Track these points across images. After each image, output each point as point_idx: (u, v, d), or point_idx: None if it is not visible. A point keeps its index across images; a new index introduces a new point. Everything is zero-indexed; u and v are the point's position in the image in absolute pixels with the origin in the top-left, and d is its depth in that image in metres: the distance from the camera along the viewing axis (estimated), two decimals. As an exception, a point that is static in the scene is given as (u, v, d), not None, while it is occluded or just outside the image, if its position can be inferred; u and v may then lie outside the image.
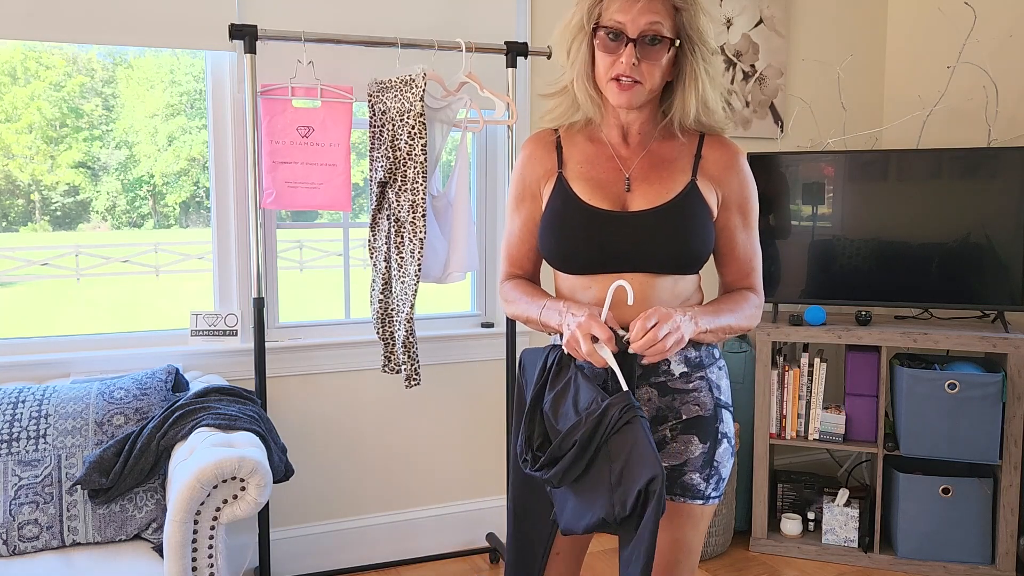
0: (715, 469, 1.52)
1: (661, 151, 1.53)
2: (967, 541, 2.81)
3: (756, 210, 1.57)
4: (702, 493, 1.52)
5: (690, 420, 1.51)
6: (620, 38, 1.42)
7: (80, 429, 2.10)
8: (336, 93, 2.50)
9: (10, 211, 12.85)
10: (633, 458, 1.31)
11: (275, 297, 2.74)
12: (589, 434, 1.35)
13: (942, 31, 3.32)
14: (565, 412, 1.41)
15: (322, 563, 2.79)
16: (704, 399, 1.51)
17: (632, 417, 1.34)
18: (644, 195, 1.50)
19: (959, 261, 2.85)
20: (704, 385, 1.52)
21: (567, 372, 1.45)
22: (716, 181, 1.52)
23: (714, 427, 1.52)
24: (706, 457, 1.51)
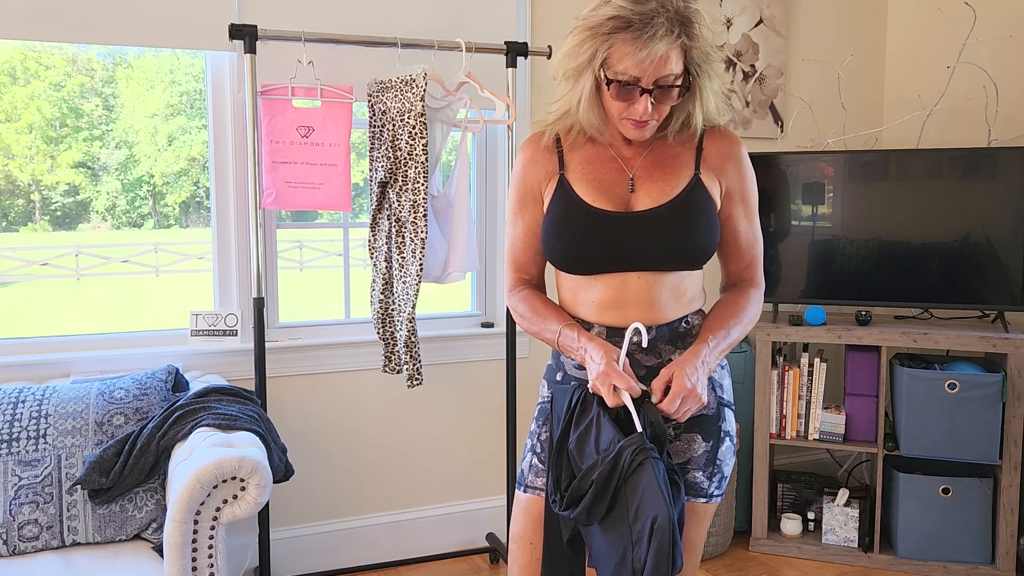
0: (717, 467, 1.53)
1: (663, 148, 1.53)
2: (967, 541, 2.81)
3: (756, 198, 1.59)
4: (705, 491, 1.53)
5: (693, 418, 1.52)
6: (634, 87, 1.40)
7: (80, 429, 2.10)
8: (336, 93, 2.50)
9: (10, 211, 12.84)
10: (645, 499, 1.33)
11: (275, 297, 2.74)
12: (606, 475, 1.36)
13: (942, 31, 3.32)
14: (588, 452, 1.42)
15: (322, 563, 2.79)
16: (707, 398, 1.50)
17: (644, 459, 1.34)
18: (649, 194, 1.50)
19: (959, 261, 2.85)
20: (708, 384, 1.52)
21: (591, 411, 1.45)
22: (718, 172, 1.53)
23: (716, 425, 1.53)
24: (709, 455, 1.52)
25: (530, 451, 1.61)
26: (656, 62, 1.36)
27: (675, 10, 1.36)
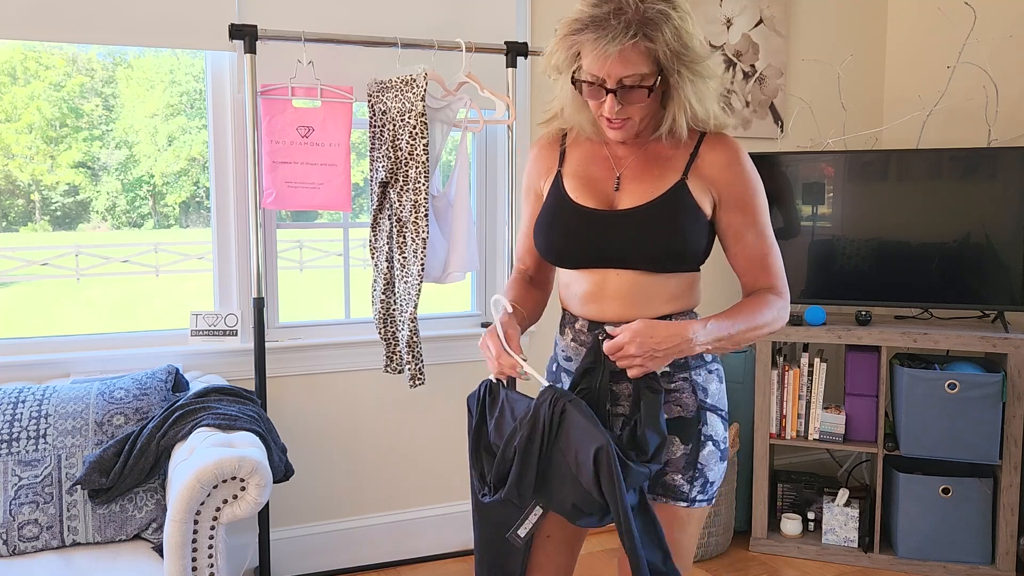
0: (699, 472, 1.51)
1: (658, 149, 1.53)
2: (967, 541, 2.81)
3: (762, 207, 1.53)
4: (685, 495, 1.51)
5: (672, 420, 1.51)
6: (599, 87, 1.42)
7: (80, 429, 2.10)
8: (336, 93, 2.50)
9: (10, 211, 12.84)
10: (581, 440, 1.31)
11: (275, 297, 2.74)
12: (527, 438, 1.36)
13: (942, 31, 3.32)
14: (507, 427, 1.43)
15: (322, 563, 2.79)
16: (686, 400, 1.51)
17: (564, 405, 1.35)
18: (632, 193, 1.51)
19: (959, 261, 2.85)
20: (687, 387, 1.51)
21: (499, 396, 1.48)
22: (711, 181, 1.50)
23: (696, 429, 1.51)
24: (688, 459, 1.50)
25: None
26: (613, 62, 1.37)
27: (634, 11, 1.35)
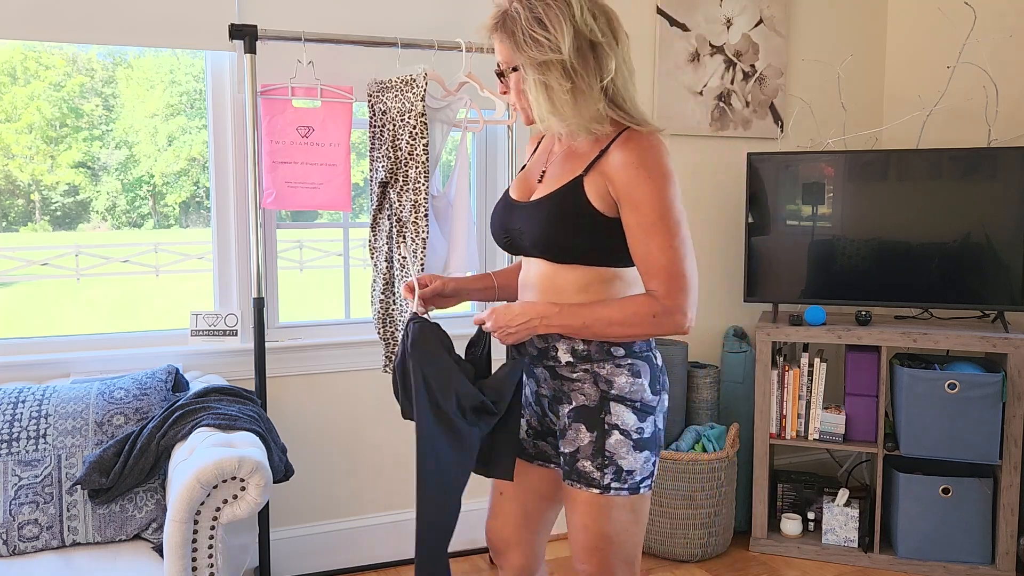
0: (609, 459, 1.56)
1: (579, 146, 1.58)
2: (967, 541, 2.81)
3: (659, 209, 1.47)
4: (597, 482, 1.56)
5: (578, 408, 1.59)
6: (497, 73, 1.60)
7: (80, 429, 2.10)
8: (336, 93, 2.50)
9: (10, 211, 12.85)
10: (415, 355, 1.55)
11: (275, 297, 2.74)
12: (401, 358, 1.59)
13: (942, 31, 3.32)
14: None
15: (322, 563, 2.79)
16: (588, 390, 1.58)
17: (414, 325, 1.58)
18: (544, 187, 1.60)
19: (959, 261, 2.85)
20: (588, 378, 1.58)
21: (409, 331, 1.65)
22: (609, 179, 1.50)
23: (599, 418, 1.57)
24: (595, 446, 1.57)
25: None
26: (497, 50, 1.56)
27: (502, 7, 1.51)
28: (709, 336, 3.36)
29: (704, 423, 3.06)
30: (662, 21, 3.11)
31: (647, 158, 1.48)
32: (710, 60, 3.20)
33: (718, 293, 3.36)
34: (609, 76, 1.49)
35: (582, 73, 1.47)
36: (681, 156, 3.22)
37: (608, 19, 1.51)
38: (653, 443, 1.59)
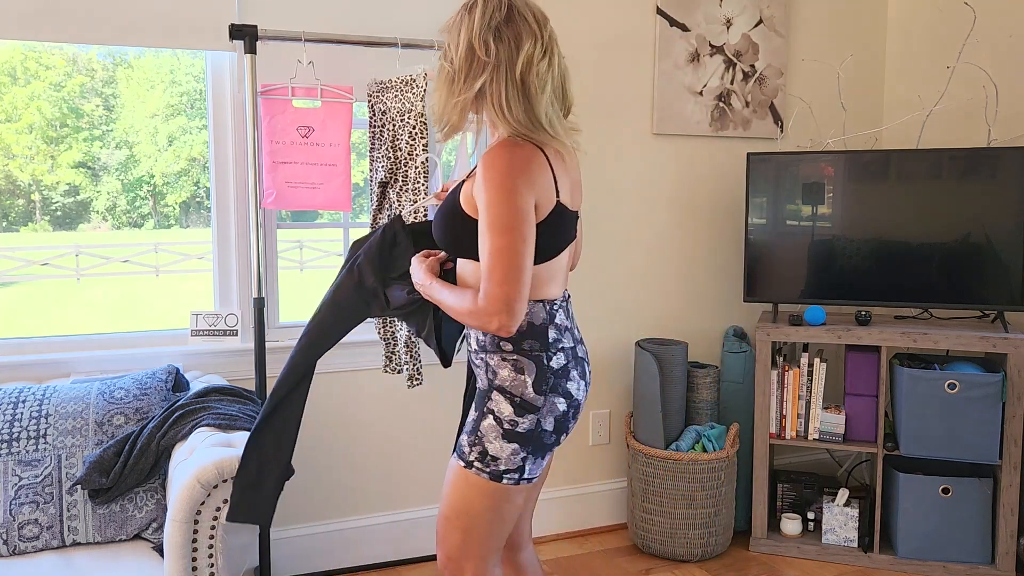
0: (479, 440, 1.65)
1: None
2: (967, 541, 2.81)
3: (490, 215, 1.55)
4: (465, 455, 1.67)
5: (478, 390, 1.73)
6: None
7: (80, 429, 2.11)
8: (336, 93, 2.50)
9: (10, 211, 12.86)
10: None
11: (275, 297, 2.74)
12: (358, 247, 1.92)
13: (942, 31, 3.32)
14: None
15: (322, 563, 2.79)
16: (483, 376, 1.70)
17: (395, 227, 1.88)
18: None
19: (959, 261, 2.85)
20: (483, 365, 1.70)
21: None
22: (473, 181, 1.63)
23: (483, 401, 1.68)
24: (473, 424, 1.68)
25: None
26: None
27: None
28: (709, 336, 3.36)
29: (704, 423, 3.06)
30: (662, 21, 3.11)
31: (491, 165, 1.56)
32: (710, 60, 3.20)
33: (718, 293, 3.36)
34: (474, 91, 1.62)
35: (459, 82, 1.64)
36: (681, 156, 3.22)
37: (517, 42, 1.59)
38: (528, 440, 1.63)
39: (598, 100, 3.07)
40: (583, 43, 3.01)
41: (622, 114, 3.11)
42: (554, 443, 1.68)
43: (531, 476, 1.66)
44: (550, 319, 1.67)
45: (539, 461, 1.66)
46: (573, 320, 1.75)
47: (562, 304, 1.71)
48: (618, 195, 3.13)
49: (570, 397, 1.67)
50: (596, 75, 3.05)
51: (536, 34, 1.61)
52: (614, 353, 3.18)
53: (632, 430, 3.10)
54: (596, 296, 3.13)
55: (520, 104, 1.59)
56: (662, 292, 3.25)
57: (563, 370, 1.67)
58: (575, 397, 1.68)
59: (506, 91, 1.59)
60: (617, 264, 3.15)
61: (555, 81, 1.64)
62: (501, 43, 1.59)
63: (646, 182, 3.18)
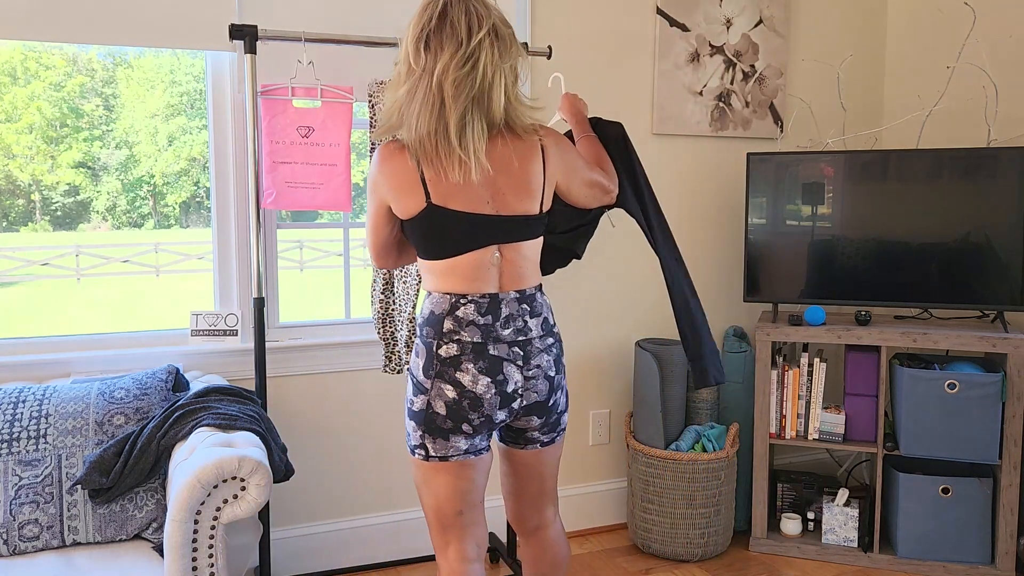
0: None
1: None
2: (967, 541, 2.81)
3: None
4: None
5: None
6: None
7: (80, 429, 2.11)
8: (336, 93, 2.50)
9: (10, 211, 12.86)
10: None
11: (275, 297, 2.74)
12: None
13: (942, 31, 3.32)
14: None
15: (322, 563, 2.79)
16: None
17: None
18: None
19: (959, 261, 2.85)
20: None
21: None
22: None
23: None
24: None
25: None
26: None
27: None
28: (709, 336, 3.36)
29: (704, 423, 3.06)
30: (662, 21, 3.11)
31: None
32: (710, 60, 3.20)
33: (718, 293, 3.36)
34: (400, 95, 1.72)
35: (393, 83, 1.75)
36: (681, 156, 3.22)
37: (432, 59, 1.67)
38: (420, 419, 1.75)
39: (598, 100, 3.07)
40: (583, 43, 3.01)
41: (622, 114, 3.11)
42: (454, 428, 1.74)
43: (438, 455, 1.76)
44: (450, 311, 1.73)
45: (442, 441, 1.75)
46: (507, 321, 1.75)
47: (476, 301, 1.74)
48: (618, 195, 3.13)
49: (460, 387, 1.72)
50: (596, 75, 3.05)
51: (461, 40, 1.66)
52: (614, 353, 3.19)
53: (632, 430, 3.10)
54: (596, 296, 3.13)
55: (429, 115, 1.67)
56: (662, 292, 3.25)
57: (453, 360, 1.72)
58: (467, 388, 1.72)
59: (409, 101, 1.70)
60: (617, 264, 3.16)
61: (476, 87, 1.67)
62: (428, 52, 1.67)
63: (646, 182, 3.18)
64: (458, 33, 1.65)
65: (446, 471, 1.77)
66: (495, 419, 1.76)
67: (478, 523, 1.84)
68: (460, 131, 1.66)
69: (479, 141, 1.68)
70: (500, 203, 1.74)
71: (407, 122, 1.69)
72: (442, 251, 1.74)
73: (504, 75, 1.70)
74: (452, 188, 1.70)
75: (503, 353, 1.74)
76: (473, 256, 1.74)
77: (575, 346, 3.12)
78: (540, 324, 1.80)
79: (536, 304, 1.80)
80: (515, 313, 1.76)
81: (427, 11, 1.68)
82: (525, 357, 1.76)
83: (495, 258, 1.75)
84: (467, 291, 1.74)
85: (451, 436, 1.75)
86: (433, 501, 1.80)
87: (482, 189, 1.72)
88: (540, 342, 1.79)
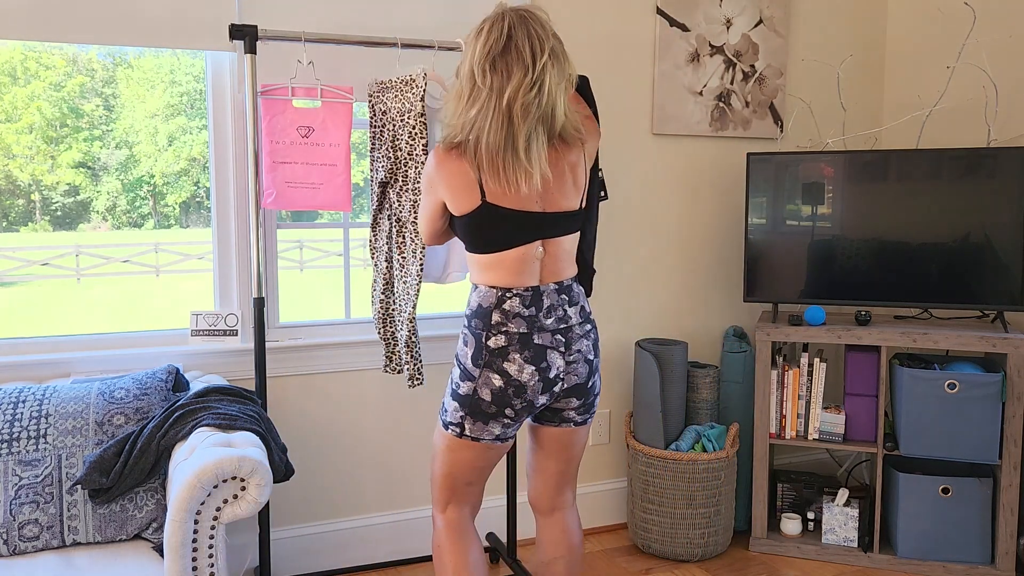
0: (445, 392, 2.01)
1: None
2: (966, 541, 2.81)
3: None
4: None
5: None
6: None
7: (80, 429, 2.11)
8: (336, 93, 2.50)
9: (10, 211, 12.87)
10: None
11: (275, 297, 2.74)
12: None
13: (942, 31, 3.32)
14: None
15: (322, 563, 2.79)
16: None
17: None
18: None
19: (959, 261, 2.85)
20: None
21: None
22: None
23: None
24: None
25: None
26: None
27: None
28: (709, 336, 3.36)
29: (704, 423, 3.06)
30: (662, 21, 3.11)
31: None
32: (710, 60, 3.20)
33: (718, 293, 3.36)
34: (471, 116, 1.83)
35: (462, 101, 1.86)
36: (681, 156, 3.22)
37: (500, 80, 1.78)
38: (465, 401, 1.89)
39: (598, 100, 3.07)
40: (583, 43, 3.02)
41: (622, 114, 3.11)
42: (497, 413, 1.87)
43: (473, 436, 1.90)
44: (497, 304, 1.86)
45: (481, 425, 1.88)
46: (548, 311, 1.89)
47: (521, 294, 1.87)
48: (618, 195, 3.13)
49: (507, 376, 1.85)
50: (596, 75, 3.05)
51: (527, 66, 1.77)
52: (614, 353, 3.19)
53: (632, 430, 3.10)
54: (596, 296, 3.13)
55: (497, 132, 1.79)
56: (662, 292, 3.25)
57: (501, 351, 1.85)
58: (513, 377, 1.85)
59: (455, 112, 1.85)
60: (617, 264, 3.16)
61: (542, 108, 1.80)
62: (495, 73, 1.78)
63: (646, 182, 3.18)
64: (524, 59, 1.77)
65: (472, 449, 1.92)
66: (536, 403, 1.90)
67: (479, 491, 2.03)
68: (527, 148, 1.80)
69: (542, 154, 1.82)
70: (548, 201, 1.88)
71: (475, 133, 1.82)
72: (493, 245, 1.87)
73: (563, 93, 1.84)
74: (505, 187, 1.83)
75: (547, 341, 1.87)
76: (520, 251, 1.87)
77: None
78: (578, 312, 1.94)
79: (574, 294, 1.94)
80: (556, 303, 1.89)
81: (492, 33, 1.79)
82: (567, 343, 1.89)
83: (539, 252, 1.89)
84: (512, 284, 1.88)
85: (491, 421, 1.89)
86: (448, 469, 1.96)
87: (532, 189, 1.86)
88: (580, 328, 1.93)
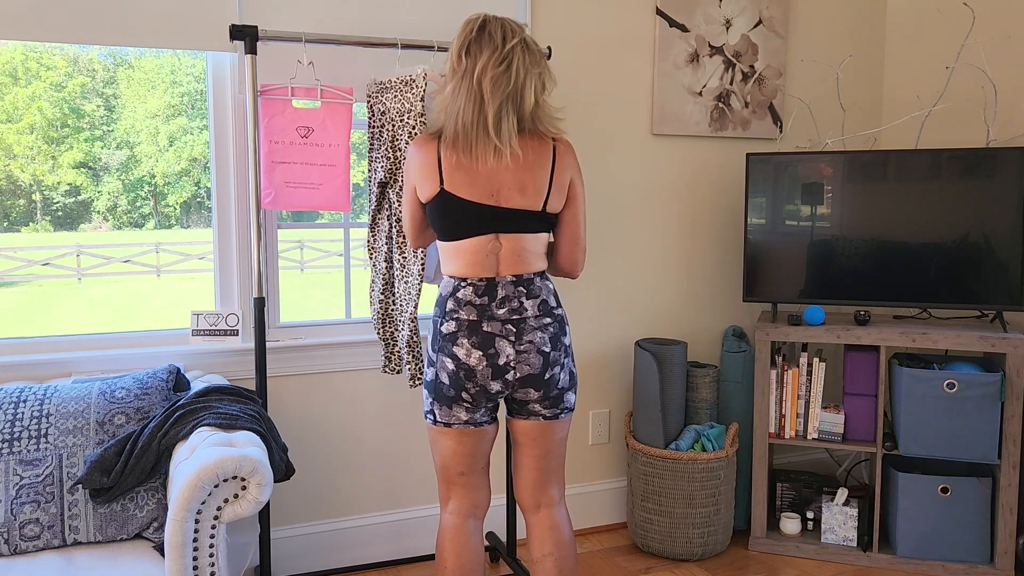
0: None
1: None
2: (966, 540, 2.82)
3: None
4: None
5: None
6: None
7: (81, 428, 2.11)
8: (336, 94, 2.51)
9: (11, 211, 12.88)
10: None
11: (276, 297, 2.74)
12: None
13: (941, 31, 3.33)
14: None
15: (322, 563, 2.79)
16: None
17: None
18: None
19: (958, 261, 2.85)
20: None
21: None
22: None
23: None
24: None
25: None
26: None
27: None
28: (708, 336, 3.37)
29: (703, 423, 3.06)
30: (662, 22, 3.12)
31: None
32: (709, 61, 3.20)
33: (717, 293, 3.37)
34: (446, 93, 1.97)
35: (441, 89, 2.01)
36: (680, 157, 3.23)
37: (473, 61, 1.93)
38: (430, 388, 2.01)
39: (597, 100, 3.07)
40: (583, 43, 3.02)
41: (621, 114, 3.12)
42: (456, 397, 1.97)
43: (443, 421, 2.01)
44: (452, 292, 1.98)
45: (446, 409, 1.99)
46: (502, 302, 1.95)
47: (475, 284, 1.96)
48: (617, 195, 3.14)
49: (456, 359, 1.95)
50: (595, 75, 3.06)
51: (497, 45, 1.92)
52: (614, 353, 3.19)
53: (632, 430, 3.11)
54: (596, 296, 3.14)
55: (450, 110, 1.94)
56: (662, 292, 3.25)
57: (451, 336, 1.96)
58: (462, 361, 1.94)
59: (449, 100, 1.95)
60: (617, 264, 3.16)
61: (511, 85, 1.92)
62: (468, 57, 1.93)
63: (645, 183, 3.18)
64: (494, 40, 1.92)
65: (448, 436, 2.03)
66: (489, 389, 1.96)
67: (479, 487, 2.09)
68: (497, 123, 1.90)
69: (512, 131, 1.93)
70: (503, 197, 1.95)
71: (449, 115, 1.93)
72: (449, 233, 1.97)
73: (534, 80, 1.95)
74: (463, 179, 1.94)
75: (496, 330, 1.94)
76: (474, 242, 1.96)
77: (575, 346, 3.13)
78: (537, 305, 1.98)
79: (534, 287, 1.99)
80: (511, 295, 1.96)
81: (468, 25, 1.96)
82: (518, 333, 1.95)
83: (493, 245, 1.96)
84: (467, 275, 1.97)
85: (453, 405, 1.99)
86: (440, 460, 2.07)
87: (489, 183, 1.94)
88: (535, 321, 1.97)
